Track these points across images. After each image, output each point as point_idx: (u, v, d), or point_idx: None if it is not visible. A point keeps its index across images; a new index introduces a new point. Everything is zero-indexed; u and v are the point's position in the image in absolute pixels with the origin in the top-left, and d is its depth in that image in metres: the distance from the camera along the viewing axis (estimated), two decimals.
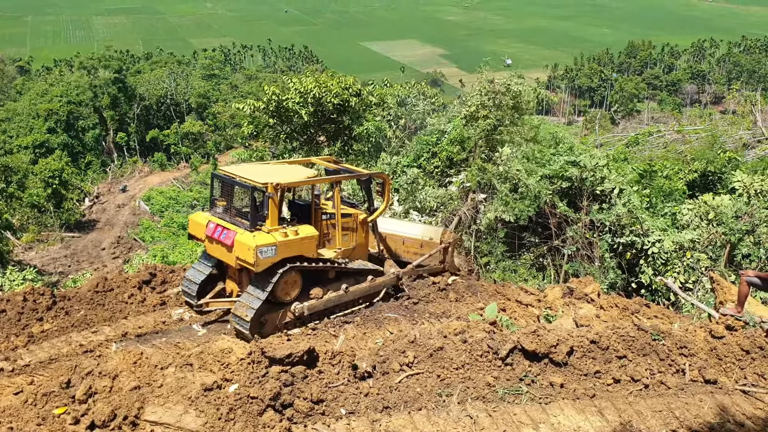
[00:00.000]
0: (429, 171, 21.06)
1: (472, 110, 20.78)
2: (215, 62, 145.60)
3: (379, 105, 26.44)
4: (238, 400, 6.60)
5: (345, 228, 12.87)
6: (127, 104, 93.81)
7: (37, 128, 77.88)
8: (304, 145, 27.15)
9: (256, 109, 26.07)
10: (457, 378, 7.53)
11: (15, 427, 6.78)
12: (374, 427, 6.71)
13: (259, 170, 12.28)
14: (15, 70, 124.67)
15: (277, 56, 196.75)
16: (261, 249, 10.86)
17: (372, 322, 12.51)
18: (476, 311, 12.67)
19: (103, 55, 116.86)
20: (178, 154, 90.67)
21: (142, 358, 7.57)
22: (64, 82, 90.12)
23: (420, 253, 14.62)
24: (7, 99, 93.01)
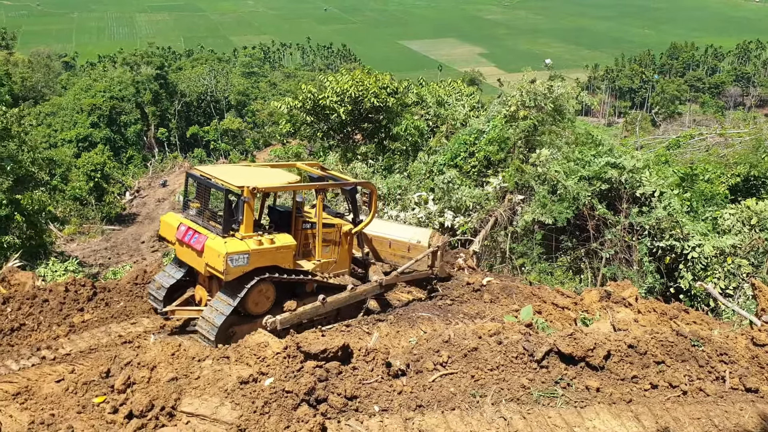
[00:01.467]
0: (466, 171, 20.95)
1: (512, 110, 20.62)
2: (255, 60, 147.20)
3: (418, 104, 26.40)
4: (273, 393, 6.67)
5: (327, 239, 12.12)
6: (169, 100, 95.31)
7: (81, 123, 79.60)
8: (341, 143, 27.26)
9: (294, 107, 26.25)
10: (492, 379, 7.50)
11: (56, 413, 6.95)
12: (407, 425, 6.71)
13: (238, 172, 11.69)
14: (61, 65, 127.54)
15: (315, 54, 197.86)
16: (232, 257, 10.16)
17: (405, 321, 12.53)
18: (511, 313, 12.60)
19: (146, 52, 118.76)
20: (217, 151, 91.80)
21: (180, 350, 7.69)
22: (108, 78, 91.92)
23: (407, 257, 13.76)
24: (53, 94, 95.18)
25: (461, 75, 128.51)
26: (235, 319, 10.70)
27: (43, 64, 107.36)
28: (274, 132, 65.85)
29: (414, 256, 13.64)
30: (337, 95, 25.02)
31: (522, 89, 21.04)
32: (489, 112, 22.84)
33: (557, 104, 21.14)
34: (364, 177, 22.07)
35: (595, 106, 27.20)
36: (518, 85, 21.49)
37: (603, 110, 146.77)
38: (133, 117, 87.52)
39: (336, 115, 25.53)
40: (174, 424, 6.50)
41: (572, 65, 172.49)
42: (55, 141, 72.42)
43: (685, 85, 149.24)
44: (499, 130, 20.60)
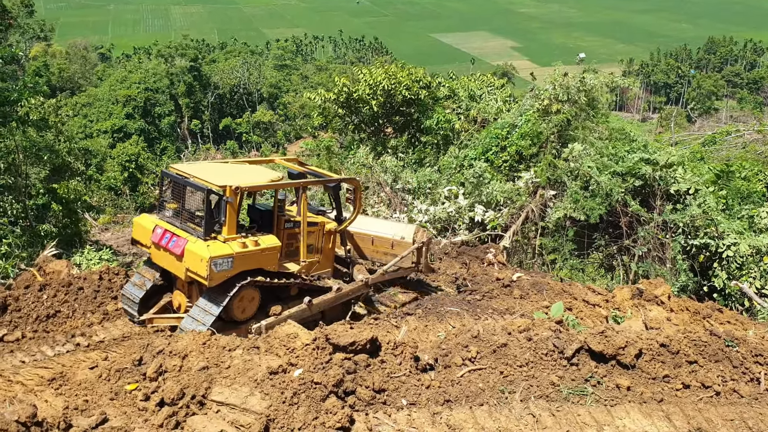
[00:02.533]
0: (497, 165, 20.81)
1: (545, 104, 20.41)
2: (287, 53, 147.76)
3: (449, 97, 26.28)
4: (302, 384, 6.71)
5: (310, 239, 11.64)
6: (202, 92, 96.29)
7: (116, 114, 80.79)
8: (372, 137, 27.27)
9: (326, 100, 26.33)
10: (521, 375, 7.45)
11: (90, 399, 7.08)
12: (435, 419, 6.71)
13: (217, 170, 11.10)
14: (97, 57, 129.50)
15: (347, 47, 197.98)
16: (215, 261, 9.62)
17: (434, 315, 12.51)
18: (541, 309, 12.52)
19: (180, 44, 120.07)
20: (249, 143, 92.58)
21: (211, 339, 7.78)
22: (143, 70, 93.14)
23: (391, 254, 13.23)
24: (89, 85, 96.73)
25: (493, 68, 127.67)
26: (218, 325, 10.09)
27: (80, 56, 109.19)
28: (305, 125, 66.25)
29: (398, 252, 13.13)
30: (370, 88, 25.03)
31: (555, 83, 20.82)
32: (521, 106, 22.63)
33: (590, 97, 20.89)
34: (394, 170, 22.06)
35: (634, 88, 26.65)
36: (551, 78, 21.27)
37: (637, 105, 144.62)
38: (167, 108, 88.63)
39: (368, 108, 25.54)
40: (204, 413, 6.58)
41: (606, 59, 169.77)
42: (90, 131, 73.67)
43: (722, 80, 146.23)
44: (532, 124, 20.42)
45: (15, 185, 21.88)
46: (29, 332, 10.94)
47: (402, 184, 21.68)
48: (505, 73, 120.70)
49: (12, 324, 11.03)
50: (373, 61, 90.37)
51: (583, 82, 20.67)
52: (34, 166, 23.68)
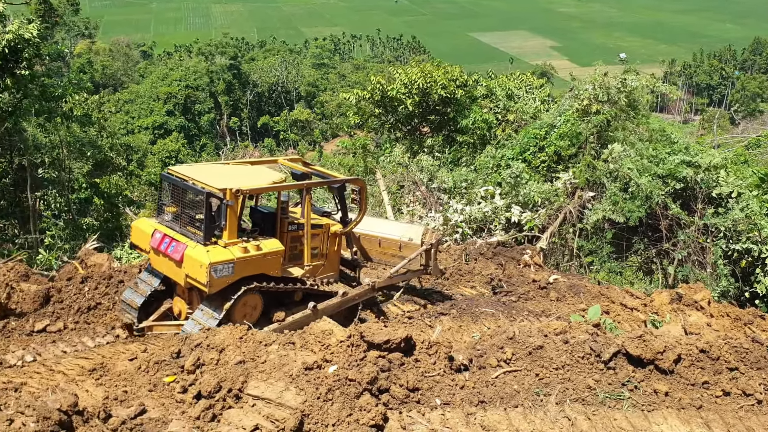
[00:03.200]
0: (535, 165, 20.64)
1: (584, 104, 20.18)
2: (325, 51, 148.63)
3: (486, 97, 26.14)
4: (336, 381, 6.74)
5: (315, 242, 11.28)
6: (241, 90, 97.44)
7: (157, 110, 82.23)
8: (408, 136, 27.27)
9: (362, 99, 26.40)
10: (556, 378, 7.39)
11: (129, 390, 7.22)
12: (469, 420, 6.69)
13: (217, 172, 10.84)
14: (139, 54, 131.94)
15: (385, 46, 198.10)
16: (215, 267, 9.30)
17: (468, 316, 12.46)
18: (578, 312, 12.39)
19: (220, 42, 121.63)
20: (287, 141, 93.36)
21: (248, 333, 7.87)
22: (183, 67, 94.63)
23: (399, 256, 12.73)
24: (131, 82, 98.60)
25: (532, 68, 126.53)
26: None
27: (123, 53, 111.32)
28: (342, 123, 66.53)
29: (406, 254, 12.61)
30: (405, 87, 25.03)
31: (595, 83, 20.58)
32: (560, 106, 22.41)
33: (631, 98, 20.59)
34: (430, 170, 22.02)
35: (674, 94, 25.83)
36: (591, 78, 21.04)
37: (679, 107, 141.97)
38: (206, 106, 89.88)
39: (403, 107, 25.55)
40: (240, 406, 6.66)
41: (648, 60, 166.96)
42: (132, 128, 75.12)
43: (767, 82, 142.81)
44: (571, 124, 20.21)
45: (59, 179, 22.43)
46: (71, 323, 11.11)
47: (438, 184, 21.64)
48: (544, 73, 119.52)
49: (54, 315, 11.30)
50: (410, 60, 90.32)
51: (623, 83, 20.39)
52: (78, 160, 24.24)
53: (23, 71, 17.88)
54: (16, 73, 17.91)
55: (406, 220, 20.21)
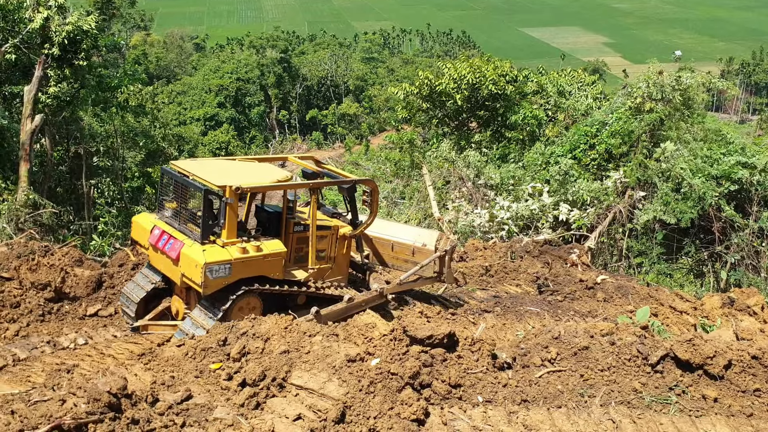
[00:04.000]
0: (585, 163, 20.32)
1: (637, 102, 19.78)
2: (374, 45, 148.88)
3: (537, 93, 25.84)
4: (378, 374, 6.77)
5: (322, 244, 10.83)
6: (291, 84, 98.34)
7: (209, 102, 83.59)
8: (455, 131, 27.13)
9: (410, 94, 26.36)
10: (602, 380, 7.27)
11: (176, 376, 7.36)
12: (511, 418, 6.64)
13: (220, 168, 10.50)
14: (192, 46, 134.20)
15: (434, 41, 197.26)
16: (211, 267, 8.98)
17: (512, 314, 12.36)
18: (626, 314, 12.17)
19: (271, 36, 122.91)
20: (334, 135, 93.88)
21: (293, 324, 7.96)
22: (235, 60, 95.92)
23: (412, 262, 12.18)
24: (184, 73, 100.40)
25: (584, 64, 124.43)
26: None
27: (176, 45, 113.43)
28: (390, 118, 66.58)
29: (419, 260, 12.05)
30: (454, 82, 24.90)
31: (649, 80, 20.17)
32: (612, 103, 22.03)
33: (686, 97, 20.11)
34: (477, 165, 21.87)
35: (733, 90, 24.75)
36: (645, 76, 20.64)
37: (736, 106, 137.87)
38: (257, 99, 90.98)
39: (452, 102, 25.43)
40: (284, 395, 6.74)
41: (704, 58, 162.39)
42: (184, 119, 76.53)
43: None
44: (623, 122, 19.85)
45: (113, 168, 23.03)
46: (121, 308, 11.14)
47: (484, 180, 21.48)
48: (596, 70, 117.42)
49: (106, 300, 11.60)
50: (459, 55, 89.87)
51: (678, 81, 19.92)
52: (131, 150, 24.83)
53: (81, 62, 18.37)
54: (74, 64, 18.41)
55: (450, 215, 20.11)
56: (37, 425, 5.55)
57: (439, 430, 6.40)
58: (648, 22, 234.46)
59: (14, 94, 19.83)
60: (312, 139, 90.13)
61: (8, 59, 18.87)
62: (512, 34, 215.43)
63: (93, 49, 19.18)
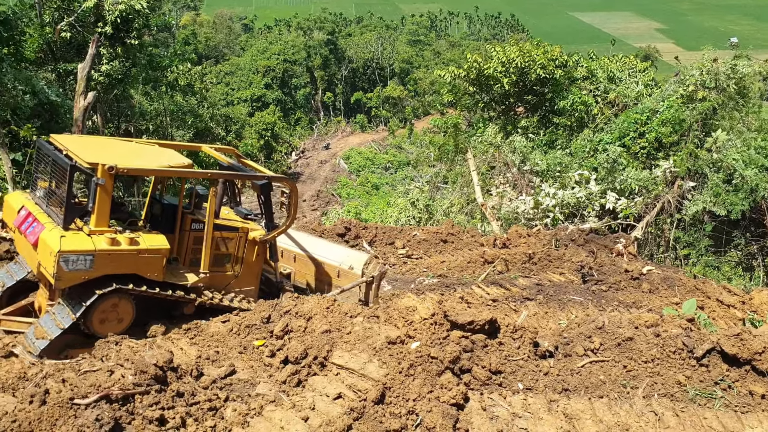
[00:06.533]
0: (634, 151, 19.93)
1: (689, 90, 19.29)
2: (421, 28, 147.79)
3: (586, 78, 25.37)
4: (418, 357, 6.80)
5: (226, 247, 9.55)
6: (337, 66, 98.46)
7: (256, 83, 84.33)
8: (502, 116, 26.85)
9: (457, 77, 26.16)
10: (645, 371, 7.18)
11: (221, 351, 7.52)
12: (551, 407, 6.61)
13: (102, 146, 9.31)
14: (241, 27, 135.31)
15: (482, 24, 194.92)
16: (67, 257, 7.68)
17: (555, 303, 12.23)
18: (671, 306, 11.94)
19: (319, 17, 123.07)
20: (378, 117, 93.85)
21: (335, 305, 8.03)
22: (282, 41, 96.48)
23: (336, 285, 10.92)
24: (232, 54, 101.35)
25: (635, 50, 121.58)
26: (76, 338, 8.29)
27: (226, 26, 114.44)
28: (434, 101, 66.24)
29: (343, 284, 10.78)
30: (502, 65, 24.62)
31: (702, 68, 19.66)
32: (664, 91, 21.52)
33: (741, 86, 19.53)
34: (522, 151, 21.62)
35: None
36: (698, 63, 20.14)
37: None
38: (303, 80, 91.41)
39: (499, 86, 25.16)
40: (324, 374, 6.83)
41: (762, 45, 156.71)
42: (231, 99, 77.39)
43: None
44: (674, 110, 19.39)
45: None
46: None
47: (530, 166, 21.24)
48: (648, 56, 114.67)
49: None
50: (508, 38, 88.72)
51: (734, 70, 19.34)
52: (179, 129, 25.23)
53: (133, 41, 18.73)
54: (126, 43, 18.78)
55: (494, 201, 19.94)
56: (87, 394, 5.73)
57: (478, 415, 6.41)
58: (704, 7, 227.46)
59: (68, 71, 20.30)
60: (356, 122, 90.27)
61: (63, 37, 19.33)
62: (562, 18, 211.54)
63: (144, 28, 19.53)
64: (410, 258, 16.04)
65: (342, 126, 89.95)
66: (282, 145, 66.25)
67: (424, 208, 23.15)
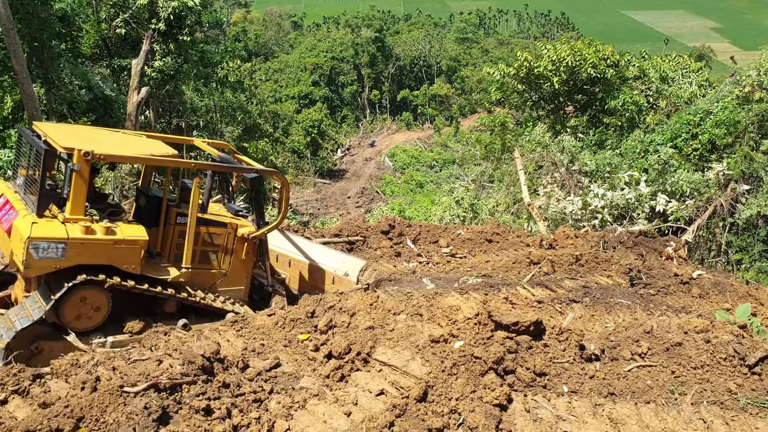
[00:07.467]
0: (686, 153, 19.47)
1: (745, 91, 18.76)
2: (469, 26, 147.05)
3: (638, 78, 24.91)
4: (462, 356, 6.77)
5: (211, 242, 9.28)
6: (384, 63, 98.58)
7: (304, 80, 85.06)
8: (550, 114, 26.56)
9: (506, 75, 25.96)
10: (694, 378, 7.01)
11: (266, 344, 7.62)
12: (596, 410, 6.51)
13: (82, 134, 9.11)
14: (290, 24, 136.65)
15: (532, 22, 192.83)
16: (36, 244, 7.45)
17: (602, 305, 12.02)
18: (722, 311, 11.65)
19: (367, 15, 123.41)
20: (424, 115, 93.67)
21: (378, 301, 8.06)
22: (330, 39, 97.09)
23: (329, 291, 10.50)
24: (281, 51, 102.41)
25: (689, 50, 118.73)
26: (47, 331, 8.06)
27: (275, 23, 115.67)
28: (482, 99, 65.77)
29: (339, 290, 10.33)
30: (552, 64, 24.34)
31: (760, 68, 19.11)
32: (718, 91, 20.97)
33: None
34: (571, 151, 21.32)
35: None
36: (755, 63, 19.57)
37: None
38: (350, 78, 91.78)
39: (549, 85, 24.88)
40: (367, 370, 6.86)
41: None
42: (279, 96, 78.19)
43: None
44: (729, 112, 18.89)
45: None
46: None
47: (579, 166, 20.93)
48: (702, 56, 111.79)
49: None
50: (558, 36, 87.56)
51: None
52: (228, 125, 25.62)
53: (185, 37, 19.11)
54: (179, 39, 19.16)
55: (541, 201, 19.71)
56: (136, 382, 5.88)
57: (521, 416, 6.36)
58: (763, 5, 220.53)
59: (122, 67, 20.81)
60: (401, 120, 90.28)
61: (118, 33, 19.81)
62: (613, 16, 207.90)
63: (196, 25, 19.90)
64: (454, 257, 15.96)
65: (388, 124, 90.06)
66: (328, 143, 66.70)
67: (469, 207, 23.02)
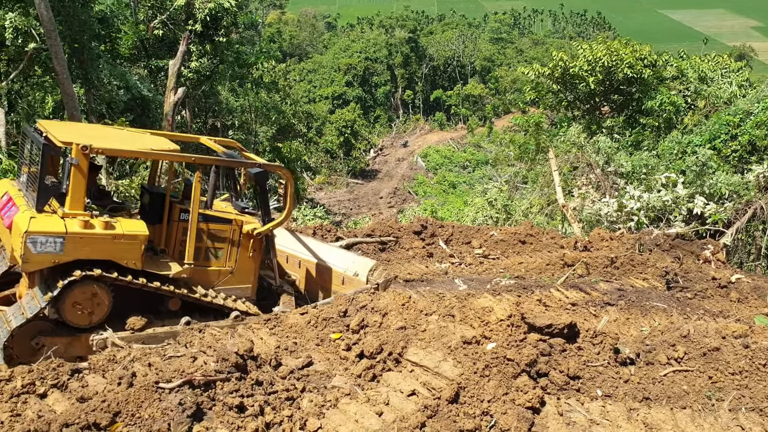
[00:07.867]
0: (725, 155, 19.09)
1: None
2: (504, 26, 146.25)
3: (676, 78, 24.50)
4: (494, 358, 6.73)
5: (215, 238, 9.13)
6: (417, 64, 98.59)
7: (337, 81, 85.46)
8: (586, 115, 26.27)
9: (541, 75, 25.75)
10: (732, 383, 6.87)
11: (298, 342, 7.67)
12: (631, 415, 6.42)
13: (83, 130, 9.08)
14: (324, 25, 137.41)
15: (567, 21, 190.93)
16: (35, 238, 7.39)
17: (637, 309, 11.85)
18: (761, 316, 11.41)
19: (401, 15, 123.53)
20: (457, 116, 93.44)
21: (410, 302, 8.06)
22: (364, 39, 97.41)
23: (338, 292, 10.36)
24: (315, 52, 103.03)
25: (729, 49, 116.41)
26: (48, 327, 7.97)
27: (309, 24, 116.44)
28: (516, 99, 65.35)
29: (347, 291, 10.09)
30: (588, 64, 24.07)
31: None
32: (759, 92, 20.52)
33: None
34: (607, 152, 21.06)
35: None
36: None
37: None
38: (383, 78, 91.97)
39: (584, 85, 24.61)
40: (399, 370, 6.86)
41: None
42: (313, 96, 78.69)
43: None
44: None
45: (246, 141, 24.08)
46: None
47: (614, 167, 20.66)
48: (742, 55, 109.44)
49: None
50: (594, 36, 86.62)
51: None
52: (263, 125, 25.85)
53: (221, 38, 19.33)
54: (215, 40, 19.39)
55: (575, 202, 19.50)
56: (171, 379, 5.96)
57: (554, 420, 6.30)
58: None
59: (159, 67, 21.14)
60: (434, 120, 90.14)
61: (156, 35, 20.12)
62: (651, 15, 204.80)
63: (232, 26, 20.12)
64: (487, 258, 15.88)
65: (421, 124, 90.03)
66: (361, 143, 66.91)
67: (503, 208, 22.89)
